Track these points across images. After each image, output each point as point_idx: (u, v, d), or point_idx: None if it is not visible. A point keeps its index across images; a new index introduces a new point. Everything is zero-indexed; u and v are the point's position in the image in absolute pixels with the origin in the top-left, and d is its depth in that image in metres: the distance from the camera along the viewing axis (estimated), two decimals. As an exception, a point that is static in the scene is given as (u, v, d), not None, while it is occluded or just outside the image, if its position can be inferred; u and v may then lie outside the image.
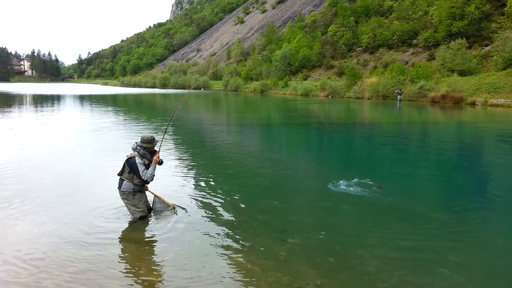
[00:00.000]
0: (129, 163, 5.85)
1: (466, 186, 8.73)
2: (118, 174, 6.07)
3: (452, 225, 6.13)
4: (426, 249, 5.23)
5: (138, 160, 5.81)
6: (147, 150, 5.98)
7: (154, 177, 6.17)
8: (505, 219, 6.53)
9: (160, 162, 6.09)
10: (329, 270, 4.67)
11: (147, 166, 5.91)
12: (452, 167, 10.86)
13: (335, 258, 4.99)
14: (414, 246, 5.33)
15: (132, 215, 6.10)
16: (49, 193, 7.60)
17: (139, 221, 6.08)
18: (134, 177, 5.88)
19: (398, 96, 35.00)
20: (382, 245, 5.33)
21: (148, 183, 5.97)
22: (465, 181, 9.14)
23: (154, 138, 6.00)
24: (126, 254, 5.12)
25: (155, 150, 6.10)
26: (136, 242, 5.47)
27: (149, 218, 6.25)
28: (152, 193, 6.62)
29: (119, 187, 6.03)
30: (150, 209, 6.42)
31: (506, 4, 39.36)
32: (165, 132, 7.28)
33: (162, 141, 6.25)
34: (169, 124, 7.82)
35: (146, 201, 6.33)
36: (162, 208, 6.62)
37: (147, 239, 5.59)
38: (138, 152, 5.88)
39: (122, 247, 5.31)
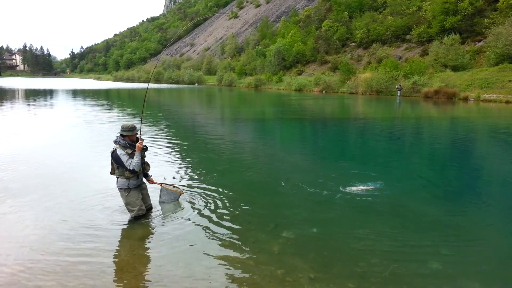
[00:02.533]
0: (113, 157, 5.71)
1: (460, 180, 8.80)
2: (111, 173, 5.92)
3: (445, 219, 6.18)
4: (419, 243, 5.28)
5: (120, 151, 5.67)
6: (129, 139, 5.79)
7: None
8: (498, 213, 6.60)
9: (144, 149, 5.89)
10: (322, 264, 4.70)
11: (131, 156, 5.72)
12: (446, 161, 10.94)
13: (328, 251, 5.02)
14: (406, 240, 5.38)
15: (129, 213, 5.99)
16: (40, 187, 7.55)
17: (133, 217, 6.02)
18: (124, 171, 5.74)
19: (398, 92, 35.02)
20: (375, 239, 5.37)
21: (136, 172, 5.74)
22: (459, 176, 9.21)
23: (135, 126, 5.81)
24: (118, 249, 5.11)
25: (138, 139, 5.91)
26: (128, 237, 5.46)
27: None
28: (159, 184, 6.60)
29: (116, 185, 5.93)
30: (150, 208, 6.25)
31: (499, -1, 39.57)
32: (142, 117, 7.14)
33: (141, 127, 6.14)
34: (143, 109, 7.67)
35: (146, 199, 6.16)
36: (168, 199, 6.62)
37: (139, 234, 5.57)
38: (118, 144, 5.73)
39: (114, 242, 5.29)
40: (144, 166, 6.08)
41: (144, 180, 6.25)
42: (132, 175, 5.79)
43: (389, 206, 6.69)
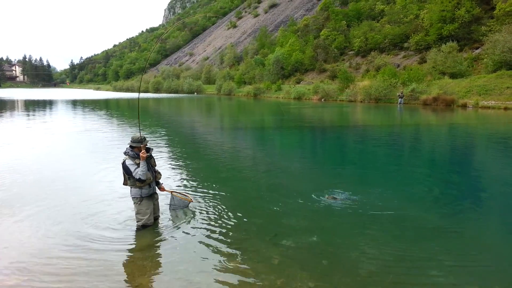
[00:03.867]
0: (123, 168, 5.84)
1: (460, 187, 8.77)
2: (123, 184, 6.01)
3: (445, 227, 6.15)
4: (419, 251, 5.24)
5: (128, 162, 5.80)
6: (138, 150, 5.88)
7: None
8: (498, 220, 6.58)
9: (149, 157, 5.98)
10: (322, 273, 4.66)
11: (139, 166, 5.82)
12: (446, 168, 10.92)
13: (328, 260, 4.98)
14: (407, 248, 5.34)
15: (137, 222, 6.04)
16: (38, 195, 7.52)
17: (134, 227, 6.03)
18: (135, 180, 5.84)
19: (400, 99, 34.95)
20: (375, 247, 5.33)
21: (142, 181, 5.81)
22: (459, 183, 9.18)
23: (144, 138, 5.93)
24: (118, 259, 5.06)
25: (148, 149, 6.07)
26: (127, 247, 5.42)
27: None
28: (169, 192, 6.78)
29: (130, 194, 6.03)
30: (156, 219, 6.31)
31: (496, 7, 39.83)
32: (139, 127, 7.17)
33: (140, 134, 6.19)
34: (139, 119, 7.72)
35: (155, 210, 6.24)
36: (177, 206, 6.80)
37: (139, 244, 5.54)
38: (128, 154, 5.86)
39: (112, 251, 5.25)
40: (155, 174, 6.22)
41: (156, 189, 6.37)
42: (142, 184, 5.88)
43: (389, 213, 6.66)
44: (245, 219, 6.45)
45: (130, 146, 5.92)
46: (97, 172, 9.71)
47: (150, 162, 6.06)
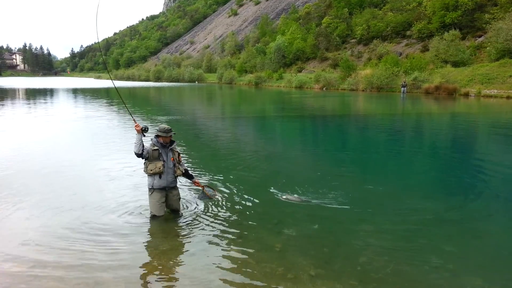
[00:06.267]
0: None
1: (461, 176, 8.78)
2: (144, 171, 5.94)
3: (445, 215, 6.17)
4: (420, 239, 5.27)
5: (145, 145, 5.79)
6: (162, 140, 5.83)
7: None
8: (499, 208, 6.59)
9: (144, 130, 5.79)
10: (323, 261, 4.70)
11: (153, 152, 5.74)
12: (447, 157, 10.93)
13: (329, 248, 5.02)
14: (407, 237, 5.38)
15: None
16: (41, 185, 7.55)
17: (135, 214, 6.10)
18: (146, 167, 5.77)
19: (403, 89, 34.67)
20: (376, 235, 5.36)
21: (136, 154, 5.70)
22: (460, 171, 9.19)
23: (170, 129, 5.88)
24: (120, 246, 5.08)
25: (172, 141, 5.98)
26: (132, 234, 5.45)
27: (144, 212, 6.20)
28: (201, 187, 6.71)
29: None
30: (175, 211, 6.13)
31: (500, -6, 39.39)
32: (126, 107, 7.18)
33: (130, 114, 6.25)
34: (124, 103, 7.75)
35: (174, 204, 6.07)
36: (205, 198, 6.74)
37: (141, 232, 5.57)
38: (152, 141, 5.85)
39: (116, 239, 5.28)
40: (174, 169, 5.97)
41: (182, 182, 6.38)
42: (157, 176, 5.76)
43: (390, 202, 6.69)
44: (247, 207, 6.48)
45: (156, 135, 5.87)
46: (101, 161, 9.72)
47: (174, 155, 5.95)
